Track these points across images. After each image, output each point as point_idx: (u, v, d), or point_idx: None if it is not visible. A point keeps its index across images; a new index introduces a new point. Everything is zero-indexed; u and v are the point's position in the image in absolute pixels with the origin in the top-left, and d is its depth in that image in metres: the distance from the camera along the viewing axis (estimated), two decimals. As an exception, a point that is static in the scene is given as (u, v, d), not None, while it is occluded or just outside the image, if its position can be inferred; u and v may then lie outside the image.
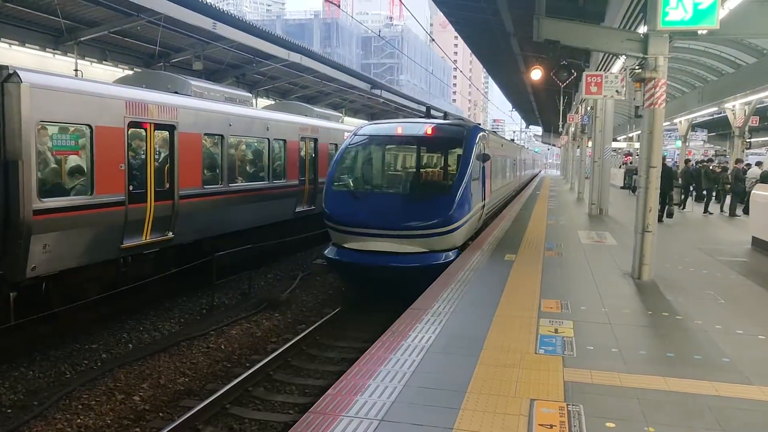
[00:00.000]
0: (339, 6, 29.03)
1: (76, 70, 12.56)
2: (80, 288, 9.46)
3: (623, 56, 12.40)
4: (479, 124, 15.19)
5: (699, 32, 8.31)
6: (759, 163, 22.23)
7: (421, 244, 10.47)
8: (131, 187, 9.71)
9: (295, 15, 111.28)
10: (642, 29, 9.52)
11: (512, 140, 34.64)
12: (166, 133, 10.72)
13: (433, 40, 30.60)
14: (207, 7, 14.59)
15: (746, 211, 16.35)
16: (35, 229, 8.02)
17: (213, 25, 14.31)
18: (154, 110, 10.26)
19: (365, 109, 32.22)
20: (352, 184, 11.74)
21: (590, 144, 22.63)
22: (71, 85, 8.88)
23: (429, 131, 12.08)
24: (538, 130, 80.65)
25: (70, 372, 8.07)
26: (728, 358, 5.66)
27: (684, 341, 6.16)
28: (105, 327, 9.71)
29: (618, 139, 41.38)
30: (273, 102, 21.58)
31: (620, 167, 36.23)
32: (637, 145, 33.10)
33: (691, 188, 21.17)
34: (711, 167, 21.23)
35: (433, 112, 16.18)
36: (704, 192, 20.62)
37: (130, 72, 14.67)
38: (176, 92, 11.61)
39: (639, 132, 10.28)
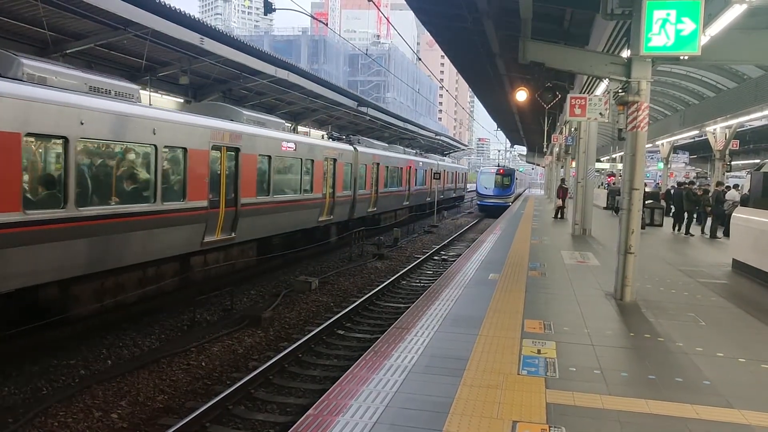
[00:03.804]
0: (326, 24, 29.23)
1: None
2: None
3: (607, 79, 12.59)
4: (517, 169, 78.25)
5: (681, 58, 8.48)
6: (736, 186, 22.50)
7: (503, 199, 42.71)
8: None
9: (283, 31, 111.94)
10: (625, 53, 9.67)
11: (517, 170, 69.49)
12: None
13: (420, 59, 30.85)
14: (195, 22, 14.54)
15: (727, 234, 16.54)
16: None
17: (200, 40, 14.25)
18: None
19: (351, 126, 32.25)
20: (484, 185, 44.07)
21: (574, 164, 22.83)
22: None
23: (502, 171, 45.55)
24: (522, 149, 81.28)
25: (47, 388, 7.91)
26: (709, 381, 5.70)
27: (665, 364, 6.20)
28: (84, 342, 9.55)
29: (602, 159, 41.88)
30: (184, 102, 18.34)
31: (599, 187, 36.58)
32: (620, 165, 33.48)
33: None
34: (693, 189, 21.45)
35: (499, 162, 73.65)
36: (686, 214, 20.85)
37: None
38: None
39: (622, 153, 10.39)
